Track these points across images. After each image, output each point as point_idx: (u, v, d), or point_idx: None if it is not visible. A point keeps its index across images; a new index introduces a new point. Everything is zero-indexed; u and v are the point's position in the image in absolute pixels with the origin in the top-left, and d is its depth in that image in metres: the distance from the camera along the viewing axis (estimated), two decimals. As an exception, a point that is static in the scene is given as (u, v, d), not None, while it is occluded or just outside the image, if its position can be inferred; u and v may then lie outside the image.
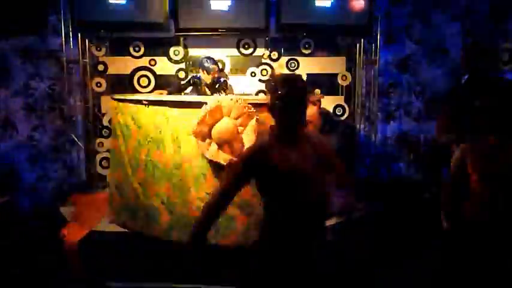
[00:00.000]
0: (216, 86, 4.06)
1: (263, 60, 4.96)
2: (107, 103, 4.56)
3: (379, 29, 4.71)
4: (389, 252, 3.35)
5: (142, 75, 4.95)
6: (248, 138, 3.22)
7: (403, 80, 5.11)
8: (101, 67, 4.89)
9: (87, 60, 4.78)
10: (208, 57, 4.21)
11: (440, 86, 5.02)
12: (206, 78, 4.15)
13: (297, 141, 1.97)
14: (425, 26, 4.97)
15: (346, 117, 5.00)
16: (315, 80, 5.00)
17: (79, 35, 4.64)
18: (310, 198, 1.91)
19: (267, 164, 1.88)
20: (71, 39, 4.64)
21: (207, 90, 4.18)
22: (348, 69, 4.99)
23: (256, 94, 4.82)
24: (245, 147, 3.21)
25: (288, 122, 1.93)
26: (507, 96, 2.39)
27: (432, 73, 5.05)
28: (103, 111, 4.96)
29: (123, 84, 4.94)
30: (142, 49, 4.92)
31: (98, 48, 4.87)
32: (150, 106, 3.42)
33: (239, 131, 3.22)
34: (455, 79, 4.51)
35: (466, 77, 4.13)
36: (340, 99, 5.05)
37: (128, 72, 4.94)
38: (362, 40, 4.79)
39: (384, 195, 4.66)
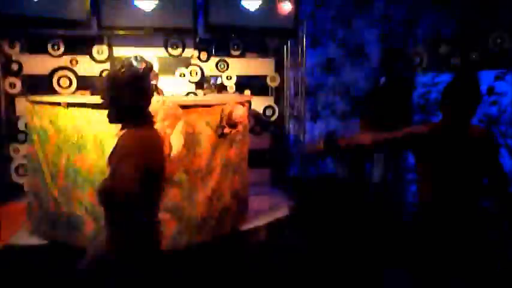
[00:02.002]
0: None
1: (192, 61, 4.90)
2: (23, 105, 4.22)
3: (304, 32, 4.87)
4: (320, 247, 3.47)
5: (62, 76, 4.64)
6: (176, 141, 3.16)
7: (328, 81, 5.34)
8: (15, 66, 4.51)
9: (-2, 59, 4.38)
10: (137, 57, 4.07)
11: (362, 86, 5.33)
12: None
13: None
14: (347, 30, 5.24)
15: (276, 118, 5.12)
16: (245, 81, 5.05)
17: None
18: None
19: None
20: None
21: None
22: (277, 70, 5.11)
23: (186, 95, 4.75)
24: (172, 150, 3.15)
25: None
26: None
27: (354, 74, 5.34)
28: (18, 114, 4.58)
29: (41, 85, 4.60)
30: (62, 47, 4.63)
31: (11, 46, 4.48)
32: (70, 108, 3.22)
33: (167, 133, 3.15)
34: (374, 80, 4.82)
35: (382, 78, 4.45)
36: (270, 100, 5.16)
37: (47, 72, 4.61)
38: (289, 42, 4.93)
39: (312, 192, 4.85)
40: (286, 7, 4.57)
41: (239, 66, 5.02)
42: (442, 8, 5.09)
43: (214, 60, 4.94)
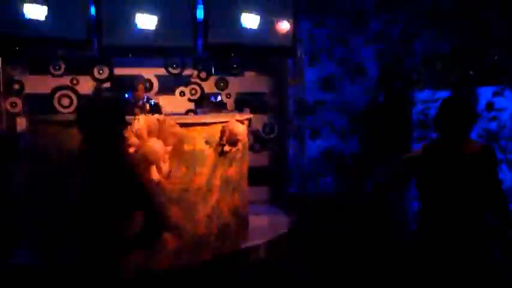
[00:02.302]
0: (147, 108, 3.99)
1: (192, 80, 4.95)
2: (24, 124, 4.25)
3: (303, 50, 4.93)
4: (318, 266, 3.44)
5: (63, 95, 4.68)
6: (175, 159, 3.18)
7: (327, 98, 5.37)
8: (16, 86, 4.55)
9: (-1, 79, 4.42)
10: (137, 76, 4.13)
11: (360, 104, 5.35)
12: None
13: None
14: (345, 48, 5.30)
15: (275, 135, 5.14)
16: (244, 99, 5.09)
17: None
18: None
19: None
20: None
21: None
22: (276, 88, 5.15)
23: (186, 113, 4.79)
24: (172, 168, 3.16)
25: None
26: None
27: (353, 91, 5.37)
28: (19, 132, 4.60)
29: (42, 105, 4.63)
30: (63, 67, 4.68)
31: (13, 66, 4.53)
32: (73, 127, 3.24)
33: (167, 151, 3.16)
34: (372, 97, 4.85)
35: (381, 95, 4.49)
36: (269, 118, 5.18)
37: (48, 91, 4.65)
38: (288, 60, 4.98)
39: (312, 210, 4.82)
40: (284, 26, 4.64)
41: (238, 84, 5.07)
42: (439, 26, 5.16)
43: (213, 78, 4.99)
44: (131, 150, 3.04)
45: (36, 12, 4.08)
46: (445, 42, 5.21)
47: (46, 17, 4.11)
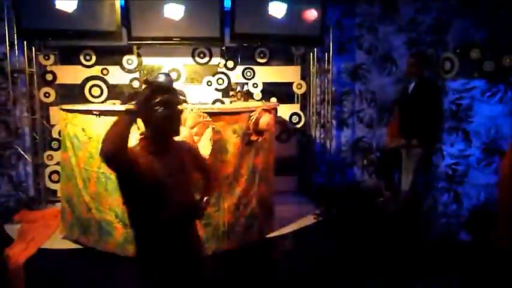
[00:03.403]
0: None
1: (219, 69, 4.96)
2: (56, 114, 4.38)
3: (331, 39, 4.85)
4: (345, 257, 3.41)
5: (94, 85, 4.80)
6: (204, 147, 3.20)
7: (355, 88, 5.29)
8: (49, 76, 4.69)
9: (34, 70, 4.56)
10: (163, 73, 4.12)
11: (389, 94, 5.25)
12: None
13: (165, 150, 1.90)
14: (373, 37, 5.18)
15: (302, 125, 5.10)
16: (271, 88, 5.07)
17: (25, 43, 4.42)
18: (173, 206, 1.86)
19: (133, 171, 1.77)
20: (17, 47, 4.41)
21: None
22: (303, 78, 5.11)
23: (213, 103, 4.81)
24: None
25: (159, 130, 1.86)
26: None
27: (382, 81, 5.27)
28: (52, 122, 4.75)
29: (73, 94, 4.76)
30: (94, 58, 4.79)
31: (46, 57, 4.67)
32: (101, 116, 3.32)
33: (195, 140, 3.19)
34: (402, 87, 4.72)
35: (412, 84, 4.36)
36: (296, 107, 5.15)
37: (79, 81, 4.77)
38: (315, 50, 4.91)
39: (339, 201, 4.78)
40: (312, 15, 4.57)
41: (265, 73, 5.05)
42: (473, 14, 4.97)
43: (240, 68, 4.99)
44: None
45: (67, 5, 4.18)
46: (480, 30, 5.02)
47: (76, 9, 4.22)
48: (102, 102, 4.69)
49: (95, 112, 3.32)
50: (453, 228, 4.04)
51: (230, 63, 4.96)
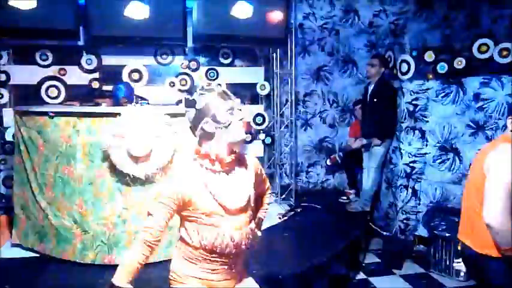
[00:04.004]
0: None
1: (182, 70, 4.90)
2: (10, 116, 4.17)
3: (293, 41, 4.91)
4: (307, 255, 3.46)
5: (51, 86, 4.60)
6: (166, 150, 3.16)
7: (317, 89, 5.38)
8: (2, 76, 4.47)
9: (-16, 69, 4.33)
10: (123, 83, 3.95)
11: (351, 94, 5.38)
12: None
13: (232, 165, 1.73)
14: (335, 39, 5.30)
15: (266, 126, 5.13)
16: (235, 89, 5.05)
17: (-26, 41, 4.20)
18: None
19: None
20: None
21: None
22: (267, 79, 5.14)
23: (176, 104, 4.74)
24: (163, 159, 3.14)
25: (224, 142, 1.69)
26: None
27: (343, 82, 5.40)
28: (5, 125, 4.53)
29: (29, 96, 4.55)
30: (51, 57, 4.60)
31: (-2, 56, 4.45)
32: (57, 118, 3.20)
33: (157, 142, 3.14)
34: (363, 88, 4.86)
35: (372, 85, 4.50)
36: (259, 108, 5.17)
37: (35, 82, 4.57)
38: (279, 51, 4.96)
39: (303, 201, 4.85)
40: (275, 17, 4.61)
41: (229, 74, 5.03)
42: (428, 18, 5.18)
43: (204, 68, 4.95)
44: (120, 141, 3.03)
45: (23, 3, 4.00)
46: (434, 34, 5.24)
47: (34, 7, 4.04)
48: (60, 103, 4.52)
49: (50, 114, 3.20)
50: (412, 223, 4.20)
51: (193, 64, 4.92)
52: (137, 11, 4.20)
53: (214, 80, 4.97)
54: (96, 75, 4.73)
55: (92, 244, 3.19)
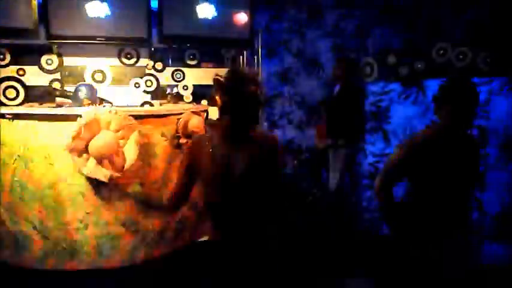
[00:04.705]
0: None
1: (147, 71, 4.82)
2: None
3: (260, 43, 4.94)
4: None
5: (8, 86, 4.40)
6: (130, 152, 3.09)
7: (284, 91, 5.44)
8: (-46, 77, 4.24)
9: None
10: (84, 85, 3.85)
11: (317, 96, 5.47)
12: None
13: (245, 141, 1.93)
14: (301, 41, 5.37)
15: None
16: (202, 91, 5.03)
17: None
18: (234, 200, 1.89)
19: None
20: None
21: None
22: (232, 80, 5.12)
23: (142, 105, 4.66)
24: (127, 161, 3.08)
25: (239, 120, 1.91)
26: None
27: (310, 84, 5.48)
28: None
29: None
30: (9, 57, 4.41)
31: (-50, 56, 4.22)
32: (16, 120, 3.08)
33: (120, 144, 3.07)
34: (328, 90, 4.95)
35: (337, 87, 4.59)
36: (227, 110, 5.15)
37: (-9, 82, 4.37)
38: (245, 52, 4.97)
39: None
40: (241, 18, 4.62)
41: (195, 76, 4.99)
42: (390, 22, 5.35)
43: (170, 69, 4.88)
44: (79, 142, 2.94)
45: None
46: (396, 37, 5.42)
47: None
48: (19, 105, 4.33)
49: (7, 116, 3.07)
50: (376, 222, 4.31)
51: (159, 65, 4.84)
52: (99, 10, 4.10)
53: (180, 81, 4.92)
54: (57, 75, 4.57)
55: (53, 250, 3.08)
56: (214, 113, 4.86)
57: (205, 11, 4.32)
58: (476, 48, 3.92)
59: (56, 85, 4.52)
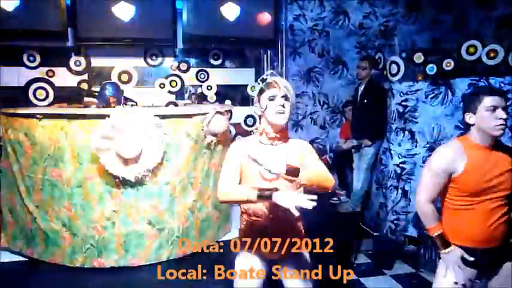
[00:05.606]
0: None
1: (172, 72, 4.88)
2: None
3: (284, 42, 4.92)
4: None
5: (38, 87, 4.55)
6: (156, 151, 3.13)
7: (308, 91, 5.40)
8: (-12, 78, 4.40)
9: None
10: (110, 83, 3.91)
11: (341, 96, 5.41)
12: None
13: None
14: (325, 40, 5.32)
15: (257, 127, 5.12)
16: (225, 91, 5.06)
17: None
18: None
19: None
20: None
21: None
22: (257, 80, 5.13)
23: (166, 106, 4.72)
24: (153, 161, 3.12)
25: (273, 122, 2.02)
26: None
27: (333, 84, 5.42)
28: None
29: (16, 97, 4.49)
30: (38, 59, 4.55)
31: (-15, 58, 4.38)
32: (46, 120, 3.16)
33: (146, 144, 3.11)
34: (353, 89, 4.88)
35: (362, 86, 4.52)
36: (250, 110, 5.16)
37: (22, 84, 4.51)
38: (269, 52, 4.96)
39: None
40: (265, 18, 4.62)
41: (219, 76, 5.02)
42: (417, 20, 5.24)
43: (194, 70, 4.93)
44: (109, 143, 3.00)
45: (7, 3, 3.95)
46: (423, 35, 5.30)
47: (18, 7, 3.99)
48: (48, 105, 4.46)
49: (37, 115, 3.16)
50: (402, 223, 4.22)
51: (183, 66, 4.90)
52: (125, 12, 4.18)
53: (204, 81, 4.96)
54: (85, 76, 4.68)
55: (81, 247, 3.15)
56: (238, 113, 4.89)
57: (230, 12, 4.34)
58: (509, 45, 3.79)
59: (84, 86, 4.63)
